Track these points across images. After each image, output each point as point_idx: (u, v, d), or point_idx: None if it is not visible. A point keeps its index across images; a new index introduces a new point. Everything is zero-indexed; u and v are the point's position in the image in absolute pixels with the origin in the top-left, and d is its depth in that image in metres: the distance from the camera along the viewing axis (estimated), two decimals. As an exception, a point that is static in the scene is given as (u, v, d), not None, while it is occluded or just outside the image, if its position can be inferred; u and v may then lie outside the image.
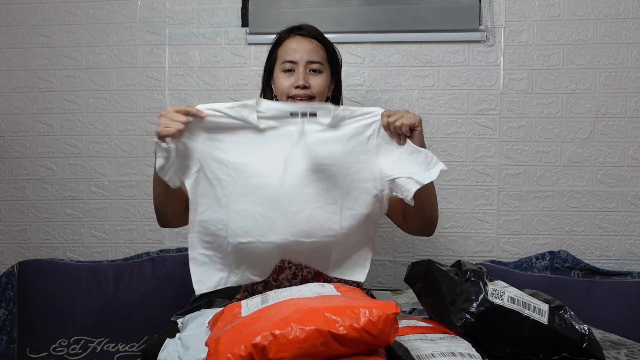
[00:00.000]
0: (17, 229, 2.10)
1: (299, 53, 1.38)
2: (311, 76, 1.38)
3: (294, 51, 1.39)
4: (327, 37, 1.44)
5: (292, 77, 1.37)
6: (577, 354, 0.99)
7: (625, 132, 1.93)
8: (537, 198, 1.96)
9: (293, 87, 1.36)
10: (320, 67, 1.39)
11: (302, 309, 0.87)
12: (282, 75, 1.39)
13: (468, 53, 1.96)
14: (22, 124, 2.09)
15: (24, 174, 2.09)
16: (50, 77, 2.07)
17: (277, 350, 0.80)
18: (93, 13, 2.05)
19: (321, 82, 1.38)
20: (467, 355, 0.89)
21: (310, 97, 1.36)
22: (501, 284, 1.05)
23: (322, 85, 1.39)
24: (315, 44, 1.40)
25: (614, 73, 1.92)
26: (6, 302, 1.94)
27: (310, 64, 1.38)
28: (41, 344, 1.86)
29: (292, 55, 1.38)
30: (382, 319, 0.83)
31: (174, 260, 1.94)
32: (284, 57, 1.40)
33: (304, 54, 1.38)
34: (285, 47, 1.42)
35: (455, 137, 1.97)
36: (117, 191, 2.07)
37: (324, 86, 1.39)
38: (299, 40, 1.41)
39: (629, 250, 1.94)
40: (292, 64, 1.38)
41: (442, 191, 1.98)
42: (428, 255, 1.98)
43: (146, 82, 2.05)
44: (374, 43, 1.98)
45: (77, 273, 1.92)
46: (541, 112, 1.95)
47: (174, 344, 1.11)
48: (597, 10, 1.92)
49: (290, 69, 1.38)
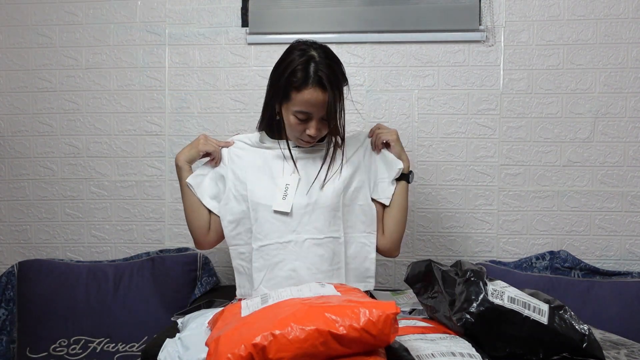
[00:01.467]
0: (17, 229, 2.10)
1: (316, 108, 1.37)
2: (321, 124, 1.41)
3: (311, 105, 1.36)
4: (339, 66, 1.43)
5: (304, 125, 1.40)
6: (577, 354, 0.99)
7: (625, 132, 1.93)
8: (537, 198, 1.96)
9: (304, 133, 1.41)
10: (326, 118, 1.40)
11: (302, 309, 0.87)
12: (295, 121, 1.39)
13: (468, 53, 1.96)
14: (22, 124, 2.09)
15: (24, 174, 2.09)
16: (50, 77, 2.07)
17: (277, 350, 0.80)
18: (93, 13, 2.05)
19: (325, 128, 1.43)
20: (467, 355, 0.89)
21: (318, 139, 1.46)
22: (501, 284, 1.05)
23: (325, 130, 1.45)
24: (328, 99, 1.37)
25: (614, 73, 1.92)
26: (6, 302, 1.94)
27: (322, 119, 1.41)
28: (41, 344, 1.86)
29: (309, 109, 1.37)
30: (382, 319, 0.83)
31: (174, 260, 1.94)
32: (300, 107, 1.37)
33: (320, 109, 1.37)
34: (302, 97, 1.36)
35: (455, 137, 1.97)
36: (117, 191, 2.07)
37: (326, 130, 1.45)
38: (317, 94, 1.36)
39: (629, 250, 1.94)
40: (306, 115, 1.39)
41: (442, 191, 1.99)
42: (428, 255, 1.98)
43: (146, 82, 2.05)
44: (374, 43, 1.98)
45: (77, 273, 1.92)
46: (541, 112, 1.95)
47: (174, 344, 1.11)
48: (597, 10, 1.92)
49: (303, 118, 1.39)
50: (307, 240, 1.40)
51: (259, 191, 1.43)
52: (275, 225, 1.40)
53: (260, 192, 1.43)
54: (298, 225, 1.41)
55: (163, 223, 2.06)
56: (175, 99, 2.04)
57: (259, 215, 1.41)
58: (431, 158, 1.98)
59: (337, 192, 1.43)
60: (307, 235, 1.40)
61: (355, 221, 1.46)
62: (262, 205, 1.41)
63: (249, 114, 2.01)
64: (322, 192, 1.42)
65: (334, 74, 1.39)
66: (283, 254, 1.40)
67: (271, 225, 1.41)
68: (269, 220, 1.41)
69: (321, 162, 1.45)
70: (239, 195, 1.45)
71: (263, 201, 1.41)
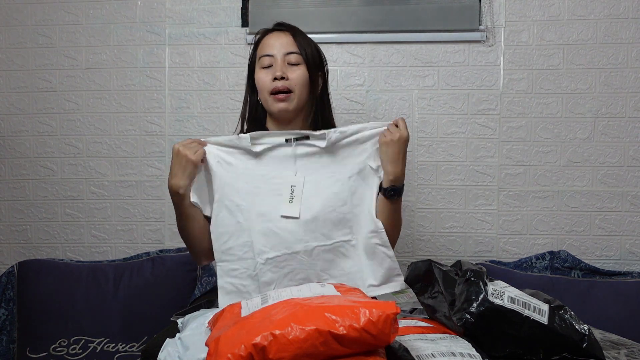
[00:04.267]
0: (17, 229, 2.10)
1: (277, 46, 1.38)
2: (290, 68, 1.37)
3: (271, 46, 1.39)
4: (307, 35, 1.44)
5: (271, 71, 1.37)
6: (577, 354, 0.98)
7: (625, 132, 1.93)
8: (537, 198, 1.96)
9: (271, 80, 1.36)
10: (299, 59, 1.38)
11: (302, 309, 0.87)
12: (262, 72, 1.38)
13: (468, 53, 1.96)
14: (22, 124, 2.09)
15: (24, 174, 2.09)
16: (50, 77, 2.07)
17: (277, 350, 0.80)
18: (93, 13, 2.05)
19: (301, 75, 1.37)
20: (467, 355, 0.89)
21: (289, 91, 1.36)
22: (501, 284, 1.05)
23: (302, 77, 1.37)
24: (292, 37, 1.39)
25: (614, 73, 1.92)
26: (6, 302, 1.94)
27: (288, 55, 1.37)
28: (41, 344, 1.86)
29: (270, 50, 1.38)
30: (382, 319, 0.83)
31: (174, 260, 1.94)
32: (262, 52, 1.40)
33: (281, 47, 1.38)
34: (263, 44, 1.41)
35: (455, 137, 1.97)
36: (117, 191, 2.07)
37: (303, 79, 1.38)
38: (276, 35, 1.41)
39: (629, 250, 1.94)
40: (270, 58, 1.38)
41: (442, 191, 1.99)
42: (428, 255, 1.98)
43: (146, 82, 2.05)
44: (374, 43, 1.98)
45: (77, 273, 1.92)
46: (541, 112, 1.95)
47: (174, 344, 1.10)
48: (597, 10, 1.92)
49: (269, 65, 1.38)
50: (316, 248, 1.29)
51: (260, 200, 1.29)
52: (281, 235, 1.28)
53: (263, 200, 1.29)
54: (304, 233, 1.29)
55: (163, 223, 2.06)
56: (175, 99, 2.04)
57: (262, 226, 1.28)
58: (431, 158, 1.98)
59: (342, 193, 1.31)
60: (315, 243, 1.29)
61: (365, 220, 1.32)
62: (265, 216, 1.28)
63: (249, 114, 2.01)
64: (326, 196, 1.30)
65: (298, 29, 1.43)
66: (293, 264, 1.28)
67: (276, 236, 1.28)
68: (273, 231, 1.28)
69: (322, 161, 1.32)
70: (233, 206, 1.29)
71: (267, 210, 1.28)
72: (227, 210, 1.29)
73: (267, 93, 1.37)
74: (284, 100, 1.36)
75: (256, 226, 1.29)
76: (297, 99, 1.38)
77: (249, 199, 1.29)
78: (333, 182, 1.31)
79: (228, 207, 1.29)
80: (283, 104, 1.37)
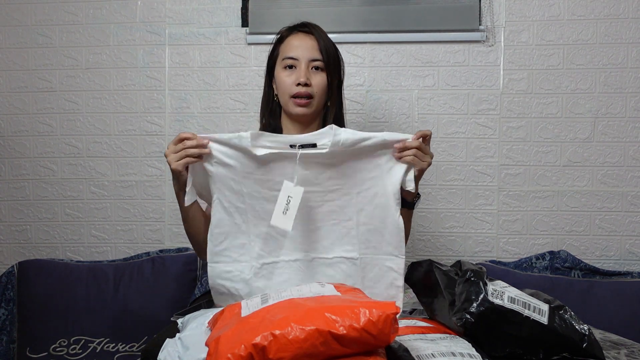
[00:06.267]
0: (17, 229, 2.10)
1: (301, 50, 1.38)
2: (313, 74, 1.38)
3: (295, 48, 1.39)
4: (329, 37, 1.44)
5: (294, 75, 1.37)
6: (577, 354, 0.98)
7: (625, 132, 1.93)
8: (537, 198, 1.96)
9: (294, 84, 1.36)
10: (322, 65, 1.39)
11: (302, 309, 0.87)
12: (284, 73, 1.39)
13: (468, 53, 1.96)
14: (22, 124, 2.09)
15: (24, 174, 2.09)
16: (50, 77, 2.07)
17: (277, 350, 0.80)
18: (93, 13, 2.05)
19: (322, 81, 1.39)
20: (467, 355, 0.89)
21: (310, 97, 1.37)
22: (501, 284, 1.05)
23: (323, 83, 1.39)
24: (317, 42, 1.39)
25: (614, 73, 1.92)
26: (6, 302, 1.94)
27: (312, 62, 1.38)
28: (41, 344, 1.86)
29: (294, 52, 1.38)
30: (382, 319, 0.83)
31: (174, 260, 1.94)
32: (286, 53, 1.40)
33: (305, 52, 1.38)
34: (287, 44, 1.41)
35: (455, 137, 1.97)
36: (117, 191, 2.07)
37: (323, 85, 1.39)
38: (301, 37, 1.41)
39: (629, 250, 1.94)
40: (293, 61, 1.38)
41: (442, 191, 1.99)
42: (428, 255, 1.98)
43: (146, 82, 2.05)
44: (374, 43, 1.98)
45: (77, 273, 1.92)
46: (541, 112, 1.95)
47: (174, 344, 1.10)
48: (597, 10, 1.92)
49: (291, 66, 1.38)
50: (315, 260, 1.25)
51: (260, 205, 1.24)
52: (280, 241, 1.25)
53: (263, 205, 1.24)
54: (304, 242, 1.25)
55: (163, 223, 2.06)
56: (175, 99, 2.04)
57: (261, 230, 1.24)
58: (431, 158, 1.98)
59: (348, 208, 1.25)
60: (314, 254, 1.25)
61: (379, 242, 1.25)
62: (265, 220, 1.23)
63: (249, 114, 2.01)
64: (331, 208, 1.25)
65: (322, 31, 1.43)
66: (288, 273, 1.24)
67: (276, 242, 1.25)
68: (273, 237, 1.24)
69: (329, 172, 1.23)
70: (231, 208, 1.24)
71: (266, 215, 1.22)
72: (225, 211, 1.24)
73: (287, 95, 1.38)
74: (305, 105, 1.37)
75: (255, 229, 1.24)
76: (317, 104, 1.40)
77: (249, 202, 1.23)
78: (339, 196, 1.25)
79: (226, 208, 1.24)
80: (303, 109, 1.38)
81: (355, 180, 1.24)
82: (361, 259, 1.25)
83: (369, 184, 1.24)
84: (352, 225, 1.25)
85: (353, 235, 1.25)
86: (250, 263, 1.24)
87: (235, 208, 1.24)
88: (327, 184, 1.24)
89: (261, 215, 1.24)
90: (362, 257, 1.25)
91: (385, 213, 1.24)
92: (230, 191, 1.23)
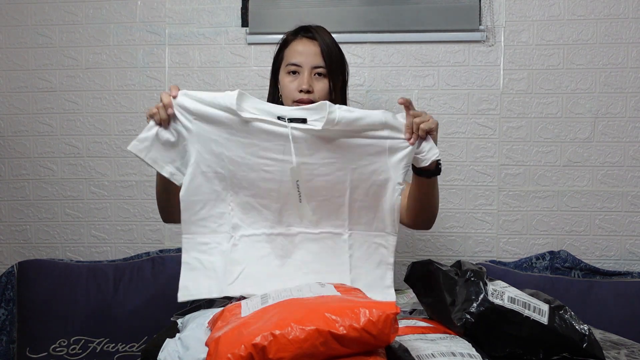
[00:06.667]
0: (17, 229, 2.10)
1: (304, 57, 1.39)
2: (315, 80, 1.39)
3: (299, 54, 1.40)
4: (334, 38, 1.45)
5: (297, 81, 1.39)
6: (577, 354, 0.98)
7: (625, 132, 1.93)
8: (537, 198, 1.96)
9: (297, 90, 1.38)
10: (324, 71, 1.40)
11: (302, 309, 0.87)
12: (287, 78, 1.41)
13: (468, 53, 1.96)
14: (22, 124, 2.09)
15: (24, 174, 2.09)
16: (50, 77, 2.07)
17: (277, 350, 0.80)
18: (93, 13, 2.05)
19: (324, 87, 1.40)
20: (467, 355, 0.89)
21: (312, 102, 1.34)
22: (501, 284, 1.05)
23: (325, 90, 1.40)
24: (320, 47, 1.40)
25: (614, 73, 1.92)
26: (6, 302, 1.94)
27: (314, 68, 1.39)
28: (41, 344, 1.86)
29: (298, 58, 1.40)
30: (382, 319, 0.83)
31: (174, 260, 1.93)
32: (289, 59, 1.41)
33: (309, 58, 1.39)
34: (291, 49, 1.43)
35: (455, 137, 1.97)
36: (117, 191, 2.07)
37: (326, 91, 1.40)
38: (305, 42, 1.42)
39: (629, 250, 1.94)
40: (296, 67, 1.40)
41: (442, 191, 1.98)
42: (428, 255, 1.98)
43: (146, 82, 2.05)
44: (374, 43, 1.98)
45: (77, 273, 1.92)
46: (541, 112, 1.95)
47: (174, 344, 1.10)
48: (597, 10, 1.92)
49: (295, 71, 1.40)
50: (299, 234, 1.19)
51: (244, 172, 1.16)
52: (263, 213, 1.18)
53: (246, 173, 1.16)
54: (288, 215, 1.18)
55: (163, 223, 2.06)
56: (175, 99, 2.04)
57: (242, 199, 1.17)
58: (431, 158, 1.98)
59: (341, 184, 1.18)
60: (299, 229, 1.19)
61: (371, 219, 1.20)
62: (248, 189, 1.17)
63: (249, 114, 2.01)
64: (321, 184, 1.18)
65: (327, 33, 1.44)
66: (269, 248, 1.18)
67: (258, 213, 1.18)
68: (254, 207, 1.18)
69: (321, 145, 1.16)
70: (211, 172, 1.16)
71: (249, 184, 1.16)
72: (203, 177, 1.15)
73: (290, 100, 1.40)
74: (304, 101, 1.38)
75: (235, 198, 1.16)
76: None
77: (230, 167, 1.15)
78: (332, 170, 1.17)
79: (205, 173, 1.15)
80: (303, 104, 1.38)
81: (353, 155, 1.16)
82: (350, 235, 1.19)
83: (368, 159, 1.17)
84: (344, 201, 1.18)
85: (343, 212, 1.19)
86: (229, 234, 1.17)
87: (214, 173, 1.16)
88: (319, 155, 1.16)
89: (242, 183, 1.16)
90: (352, 234, 1.19)
91: (382, 192, 1.18)
92: (211, 154, 1.15)
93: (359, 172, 1.18)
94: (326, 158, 1.16)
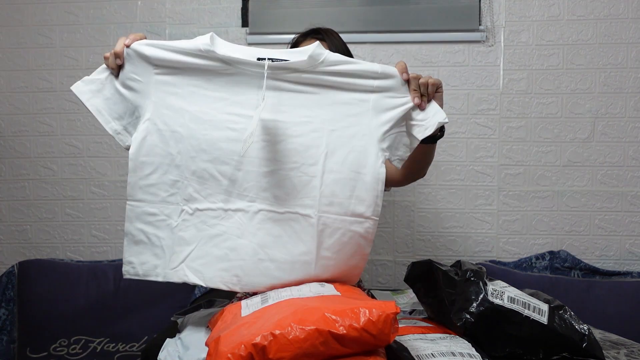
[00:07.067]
0: (17, 229, 2.10)
1: None
2: None
3: None
4: (343, 40, 1.48)
5: None
6: (577, 354, 0.99)
7: (625, 132, 1.93)
8: (537, 198, 1.96)
9: None
10: None
11: (302, 309, 0.87)
12: None
13: (468, 53, 1.96)
14: (22, 124, 2.09)
15: (24, 174, 2.09)
16: (50, 77, 2.07)
17: (277, 350, 0.80)
18: (93, 13, 2.05)
19: None
20: (467, 355, 0.89)
21: None
22: (501, 284, 1.05)
23: None
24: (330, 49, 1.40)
25: (614, 73, 1.92)
26: (6, 302, 1.94)
27: None
28: (41, 344, 1.86)
29: None
30: (382, 319, 0.83)
31: (174, 260, 1.94)
32: None
33: None
34: None
35: (455, 137, 1.97)
36: (117, 191, 2.07)
37: None
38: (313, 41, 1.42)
39: (629, 250, 1.94)
40: None
41: (442, 191, 1.99)
42: (428, 255, 1.98)
43: (146, 82, 2.05)
44: (374, 43, 1.98)
45: (77, 273, 1.92)
46: (541, 112, 1.95)
47: (174, 344, 1.11)
48: (597, 10, 1.92)
49: None
50: (260, 212, 1.03)
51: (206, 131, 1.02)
52: (222, 183, 1.03)
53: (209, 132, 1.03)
54: (250, 188, 1.03)
55: (163, 223, 2.06)
56: (175, 99, 2.04)
57: (199, 165, 1.03)
58: (431, 158, 1.98)
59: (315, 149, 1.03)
60: (261, 205, 1.03)
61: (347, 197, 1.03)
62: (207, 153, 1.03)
63: (249, 114, 2.01)
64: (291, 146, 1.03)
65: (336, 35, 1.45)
66: (224, 226, 1.04)
67: (216, 183, 1.03)
68: (212, 175, 1.03)
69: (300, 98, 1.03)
70: (167, 131, 1.02)
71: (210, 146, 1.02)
72: (158, 135, 1.02)
73: None
74: None
75: (192, 164, 1.02)
76: None
77: (192, 125, 1.02)
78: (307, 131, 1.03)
79: (161, 131, 1.02)
80: None
81: (332, 114, 1.03)
82: (319, 219, 1.02)
83: (349, 121, 1.03)
84: (316, 172, 1.02)
85: (314, 186, 1.02)
86: (180, 206, 1.04)
87: (171, 132, 1.02)
88: (294, 113, 1.03)
89: (202, 145, 1.02)
90: (321, 217, 1.03)
91: (362, 161, 1.03)
92: (169, 109, 1.02)
93: (337, 135, 1.03)
94: (302, 116, 1.03)
